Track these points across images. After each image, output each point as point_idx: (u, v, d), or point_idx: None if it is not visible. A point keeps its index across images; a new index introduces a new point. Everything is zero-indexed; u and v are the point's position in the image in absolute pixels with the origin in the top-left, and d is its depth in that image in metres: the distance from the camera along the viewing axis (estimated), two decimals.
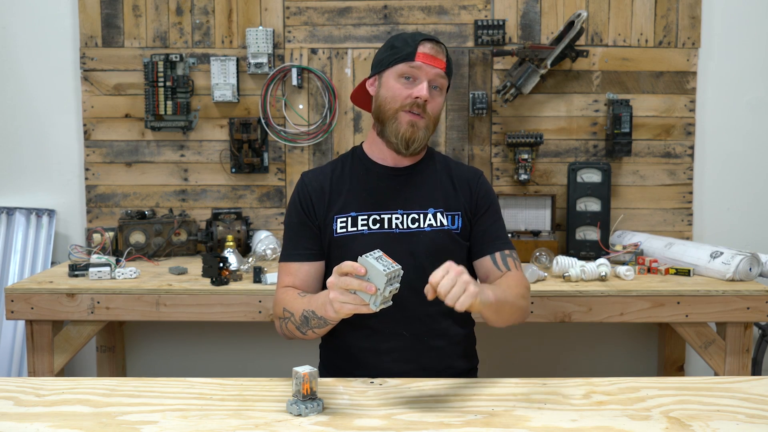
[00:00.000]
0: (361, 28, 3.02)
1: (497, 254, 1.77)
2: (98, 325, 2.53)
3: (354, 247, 1.73)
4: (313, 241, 1.79)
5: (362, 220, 1.76)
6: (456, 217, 1.78)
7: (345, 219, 1.77)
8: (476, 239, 1.80)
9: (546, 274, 2.58)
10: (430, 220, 1.76)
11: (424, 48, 1.72)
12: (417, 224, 1.76)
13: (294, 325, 1.68)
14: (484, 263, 1.79)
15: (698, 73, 3.00)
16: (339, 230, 1.76)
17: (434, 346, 1.76)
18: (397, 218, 1.76)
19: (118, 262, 2.64)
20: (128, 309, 2.44)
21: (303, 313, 1.63)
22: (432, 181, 1.81)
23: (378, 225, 1.76)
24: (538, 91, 2.95)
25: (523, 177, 2.92)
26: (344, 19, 3.02)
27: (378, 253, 1.39)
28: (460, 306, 1.38)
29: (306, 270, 1.78)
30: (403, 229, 1.76)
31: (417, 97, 1.71)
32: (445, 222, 1.76)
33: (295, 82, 2.98)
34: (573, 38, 2.82)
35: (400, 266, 1.38)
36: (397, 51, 1.75)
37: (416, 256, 1.74)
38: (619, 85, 2.99)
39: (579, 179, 2.83)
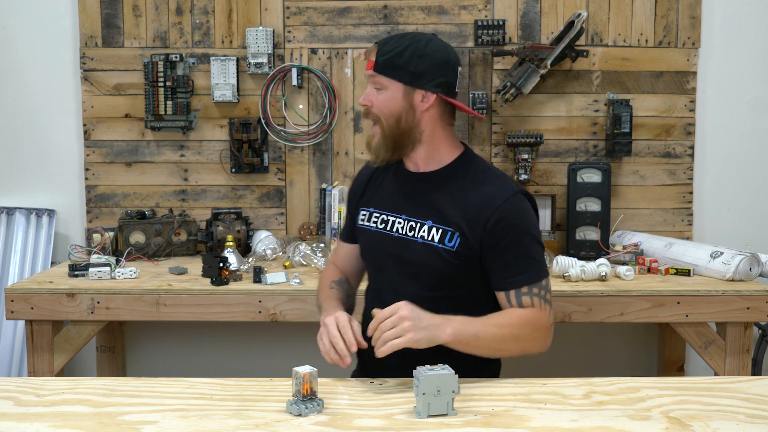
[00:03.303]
0: (361, 28, 3.02)
1: (512, 292, 1.66)
2: (98, 325, 2.53)
3: (363, 239, 1.87)
4: (353, 226, 1.92)
5: (375, 216, 1.82)
6: (455, 235, 1.67)
7: (366, 212, 1.85)
8: (492, 271, 1.68)
9: None
10: (423, 232, 1.70)
11: (365, 55, 1.78)
12: (413, 233, 1.72)
13: (317, 300, 1.91)
14: (500, 298, 1.69)
15: (698, 73, 2.99)
16: (359, 221, 1.87)
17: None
18: (399, 222, 1.75)
19: (118, 262, 2.63)
20: (128, 309, 2.44)
21: (317, 302, 1.87)
22: (444, 193, 1.71)
23: (384, 225, 1.78)
24: (538, 91, 2.95)
25: (523, 177, 2.92)
26: (344, 19, 3.02)
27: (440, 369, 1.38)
28: (379, 353, 1.49)
29: (344, 250, 1.97)
30: (402, 234, 1.73)
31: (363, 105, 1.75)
32: (437, 238, 1.68)
33: (295, 82, 2.98)
34: (573, 38, 2.82)
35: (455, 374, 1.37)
36: None
37: (405, 263, 1.73)
38: (619, 85, 2.99)
39: (579, 179, 2.83)
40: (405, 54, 1.67)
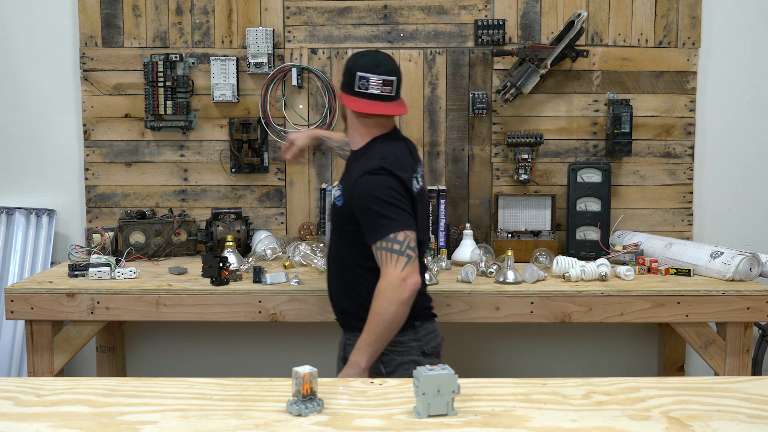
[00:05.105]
0: (361, 28, 3.02)
1: (373, 248, 1.96)
2: (98, 325, 2.53)
3: None
4: None
5: None
6: (341, 196, 2.07)
7: None
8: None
9: (546, 274, 2.58)
10: (336, 191, 2.12)
11: None
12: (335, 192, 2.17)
13: None
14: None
15: (698, 73, 2.99)
16: None
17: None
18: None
19: (117, 262, 2.63)
20: (128, 309, 2.44)
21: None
22: (350, 166, 2.13)
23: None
24: (538, 91, 2.95)
25: (523, 177, 2.92)
26: (344, 19, 3.01)
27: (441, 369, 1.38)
28: None
29: None
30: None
31: None
32: (336, 195, 2.10)
33: (295, 82, 2.98)
34: (573, 38, 2.82)
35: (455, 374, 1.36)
36: None
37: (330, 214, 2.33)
38: (619, 85, 2.99)
39: (579, 179, 2.83)
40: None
